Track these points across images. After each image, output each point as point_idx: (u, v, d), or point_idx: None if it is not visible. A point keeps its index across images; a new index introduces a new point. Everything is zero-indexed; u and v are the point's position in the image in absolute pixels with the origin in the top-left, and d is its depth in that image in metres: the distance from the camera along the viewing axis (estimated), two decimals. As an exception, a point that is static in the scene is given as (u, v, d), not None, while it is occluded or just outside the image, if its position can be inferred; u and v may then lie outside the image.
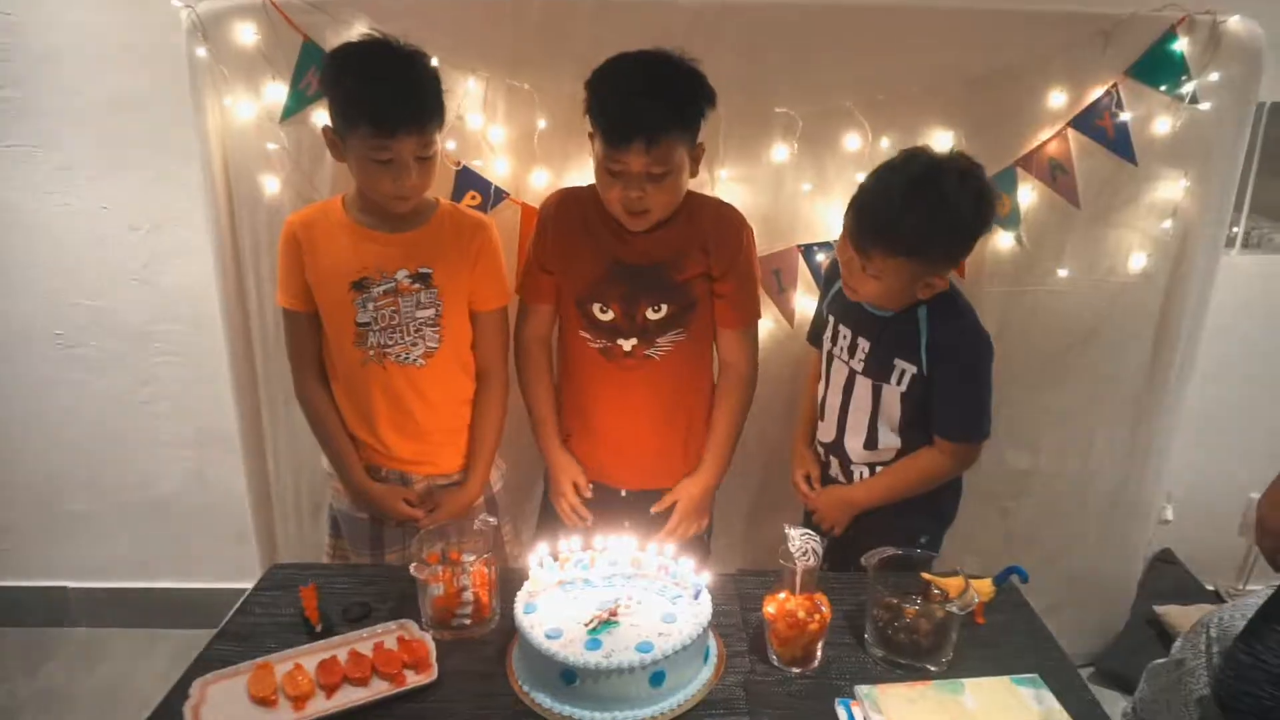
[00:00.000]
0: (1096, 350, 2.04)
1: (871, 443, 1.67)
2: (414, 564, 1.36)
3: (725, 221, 1.68)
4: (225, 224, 1.91)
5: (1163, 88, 1.86)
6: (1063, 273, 1.97)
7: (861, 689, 1.23)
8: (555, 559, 1.42)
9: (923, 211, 1.41)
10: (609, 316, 1.65)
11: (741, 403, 1.76)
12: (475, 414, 1.73)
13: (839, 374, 1.68)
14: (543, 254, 1.69)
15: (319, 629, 1.40)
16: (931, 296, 1.53)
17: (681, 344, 1.68)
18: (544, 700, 1.24)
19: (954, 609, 1.29)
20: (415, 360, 1.64)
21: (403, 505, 1.70)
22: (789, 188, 1.93)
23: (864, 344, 1.62)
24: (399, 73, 1.49)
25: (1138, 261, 1.98)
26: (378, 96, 1.45)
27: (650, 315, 1.65)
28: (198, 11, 1.75)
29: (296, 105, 1.82)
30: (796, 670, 1.33)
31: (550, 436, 1.78)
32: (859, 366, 1.63)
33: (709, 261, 1.65)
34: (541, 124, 1.85)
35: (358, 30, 1.77)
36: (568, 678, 1.21)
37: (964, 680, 1.25)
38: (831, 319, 1.70)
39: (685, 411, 1.76)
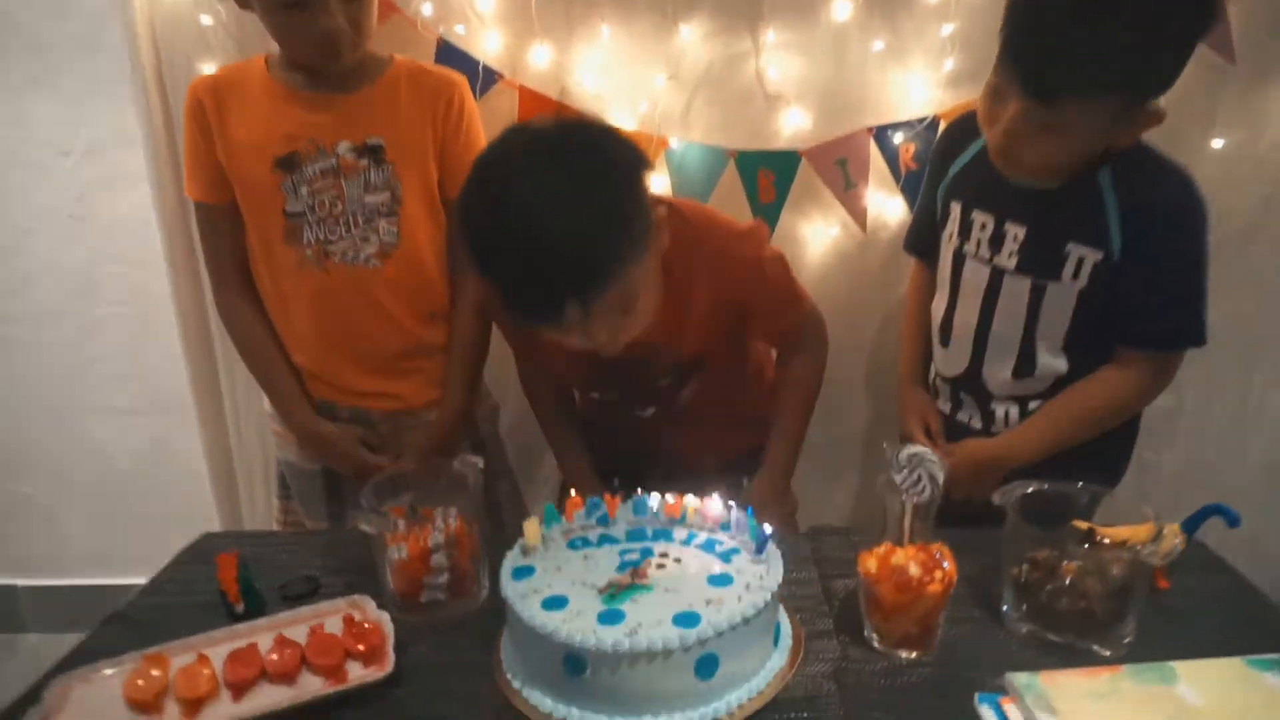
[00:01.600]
0: (1259, 249, 1.60)
1: (1025, 369, 1.24)
2: (363, 516, 0.98)
3: (727, 268, 1.16)
4: (159, 127, 1.56)
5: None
6: (1216, 144, 1.53)
7: (1018, 679, 0.82)
8: (560, 510, 1.03)
9: (1131, 12, 0.98)
10: (613, 398, 1.31)
11: (814, 386, 1.35)
12: (452, 329, 1.35)
13: (975, 278, 1.25)
14: (522, 341, 1.31)
15: (241, 610, 1.03)
16: (1124, 149, 1.12)
17: (710, 379, 1.29)
18: (541, 700, 0.85)
19: (1152, 557, 0.87)
20: (367, 260, 1.27)
21: (362, 451, 1.33)
22: (854, 53, 1.52)
23: (1015, 231, 1.19)
24: None
25: (1309, 132, 1.54)
26: None
27: (663, 383, 1.28)
28: None
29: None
30: (908, 654, 0.92)
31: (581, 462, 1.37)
32: (1009, 263, 1.20)
33: (723, 316, 1.21)
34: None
35: None
36: (574, 666, 0.82)
37: (1173, 664, 0.83)
38: (956, 207, 1.27)
39: (735, 418, 1.36)
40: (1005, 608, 0.97)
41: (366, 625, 0.96)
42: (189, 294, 1.67)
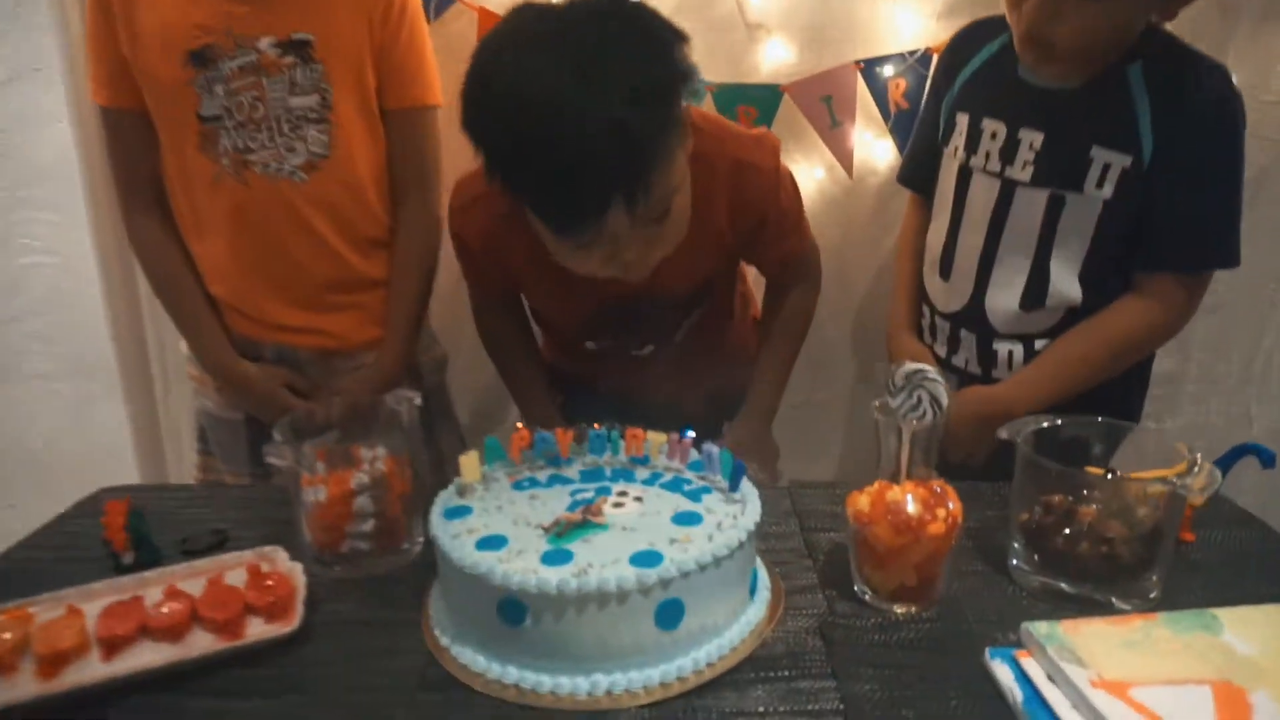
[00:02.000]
0: (1267, 202, 1.50)
1: (1035, 297, 1.11)
2: (274, 450, 0.84)
3: (748, 181, 1.06)
4: (80, 53, 1.41)
5: None
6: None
7: (1036, 629, 0.69)
8: (504, 447, 0.89)
9: None
10: (604, 344, 1.20)
11: (800, 334, 1.26)
12: (394, 260, 1.21)
13: (983, 194, 1.12)
14: (488, 274, 1.16)
15: (129, 561, 0.88)
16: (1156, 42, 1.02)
17: (705, 311, 1.20)
18: (473, 659, 0.72)
19: (1187, 491, 0.75)
20: (292, 173, 1.13)
21: (287, 395, 1.18)
22: (841, -21, 1.40)
23: (1031, 138, 1.07)
24: None
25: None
26: None
27: (665, 319, 1.19)
28: None
29: None
30: (905, 609, 0.79)
31: (540, 394, 1.26)
32: (1023, 174, 1.08)
33: (737, 235, 1.11)
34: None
35: None
36: (511, 614, 0.69)
37: (1213, 611, 0.71)
38: (963, 118, 1.15)
39: (727, 359, 1.28)
40: (1014, 560, 0.84)
41: (275, 577, 0.82)
42: (111, 236, 1.52)
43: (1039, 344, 1.12)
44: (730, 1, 1.40)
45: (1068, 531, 0.80)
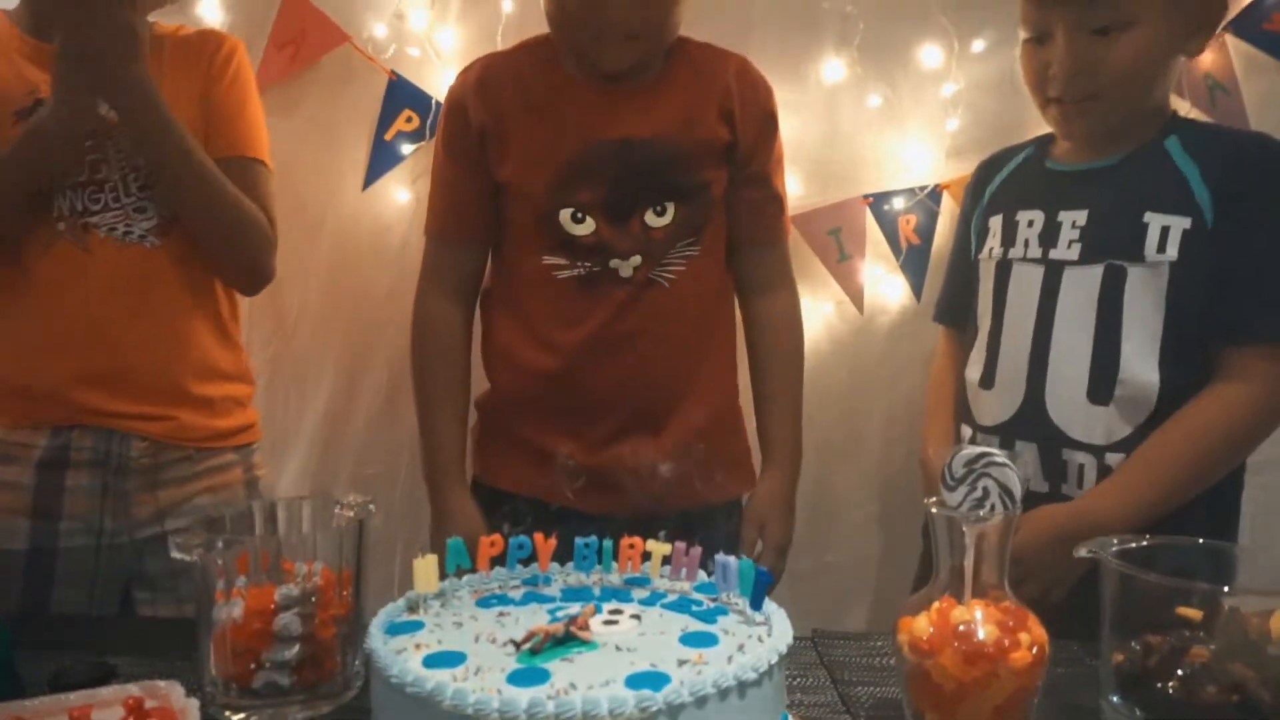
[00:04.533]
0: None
1: (1104, 386, 0.97)
2: (175, 539, 0.67)
3: (750, 72, 1.16)
4: None
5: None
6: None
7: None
8: (471, 556, 0.73)
9: None
10: (587, 229, 1.07)
11: (799, 362, 1.19)
12: None
13: (1025, 283, 1.03)
14: (467, 158, 1.12)
15: (-25, 696, 0.69)
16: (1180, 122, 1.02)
17: (696, 262, 1.10)
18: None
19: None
20: (143, 237, 1.04)
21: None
22: (848, 116, 1.39)
23: (1073, 217, 1.00)
24: None
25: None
26: None
27: (651, 221, 1.08)
28: None
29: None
30: (984, 770, 0.60)
31: (449, 468, 1.14)
32: (1070, 252, 1.00)
33: (733, 133, 1.11)
34: (507, 5, 1.34)
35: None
36: (462, 752, 0.50)
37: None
38: (996, 220, 1.09)
39: (707, 367, 1.14)
40: (1114, 699, 0.66)
41: (158, 717, 0.63)
42: None
43: (1111, 458, 0.97)
44: (735, 133, 1.39)
45: (1181, 673, 0.63)
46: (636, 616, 0.64)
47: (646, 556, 0.71)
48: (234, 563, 0.70)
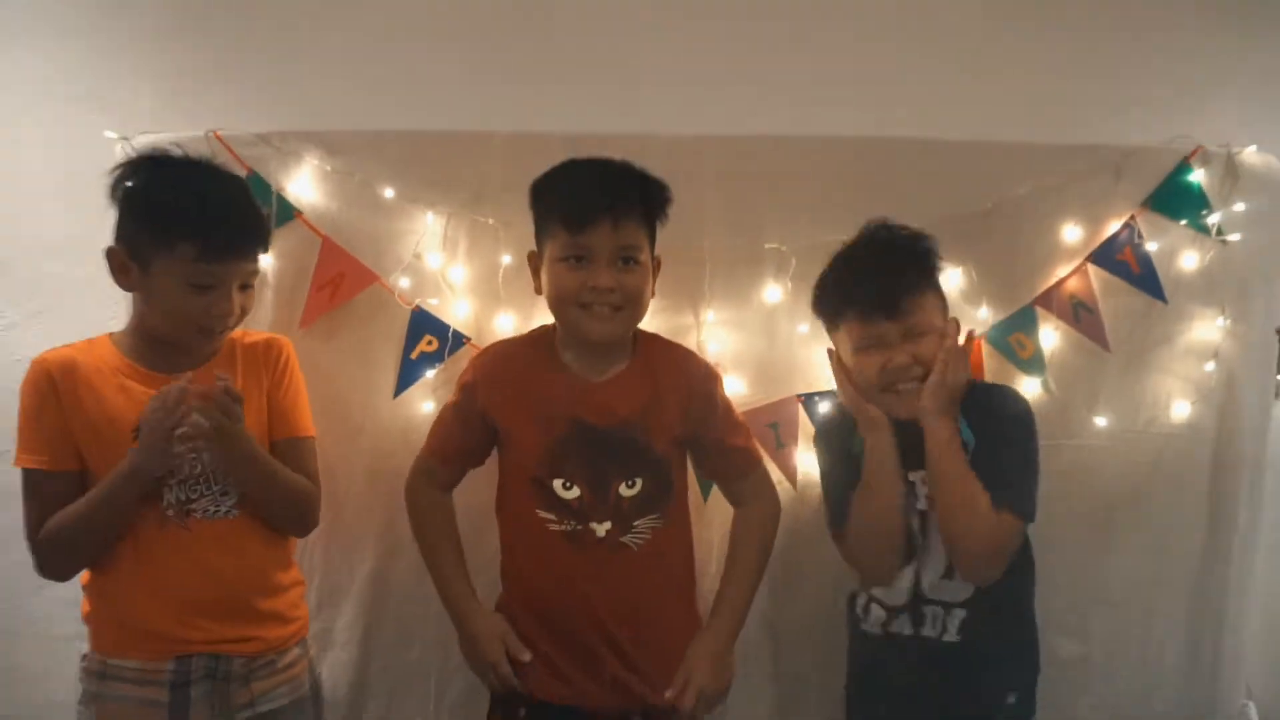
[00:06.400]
0: (1144, 516, 1.76)
1: None
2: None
3: (693, 365, 1.50)
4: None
5: (1184, 221, 1.71)
6: (1100, 423, 1.73)
7: None
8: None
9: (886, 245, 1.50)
10: (574, 494, 1.39)
11: (769, 537, 1.51)
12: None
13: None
14: (469, 425, 1.46)
15: None
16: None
17: (660, 531, 1.42)
18: None
19: None
20: (229, 512, 1.38)
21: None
22: (784, 330, 1.72)
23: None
24: (228, 187, 1.38)
25: (1181, 409, 1.74)
26: (208, 210, 1.30)
27: (624, 492, 1.39)
28: (134, 146, 1.61)
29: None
30: None
31: (462, 599, 1.46)
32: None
33: (685, 416, 1.44)
34: (506, 259, 1.67)
35: (308, 163, 1.64)
36: None
37: None
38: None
39: (664, 614, 1.45)
40: None
41: None
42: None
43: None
44: (694, 345, 1.69)
45: None
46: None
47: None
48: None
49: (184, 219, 1.29)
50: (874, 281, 1.45)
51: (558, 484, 1.38)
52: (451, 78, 1.90)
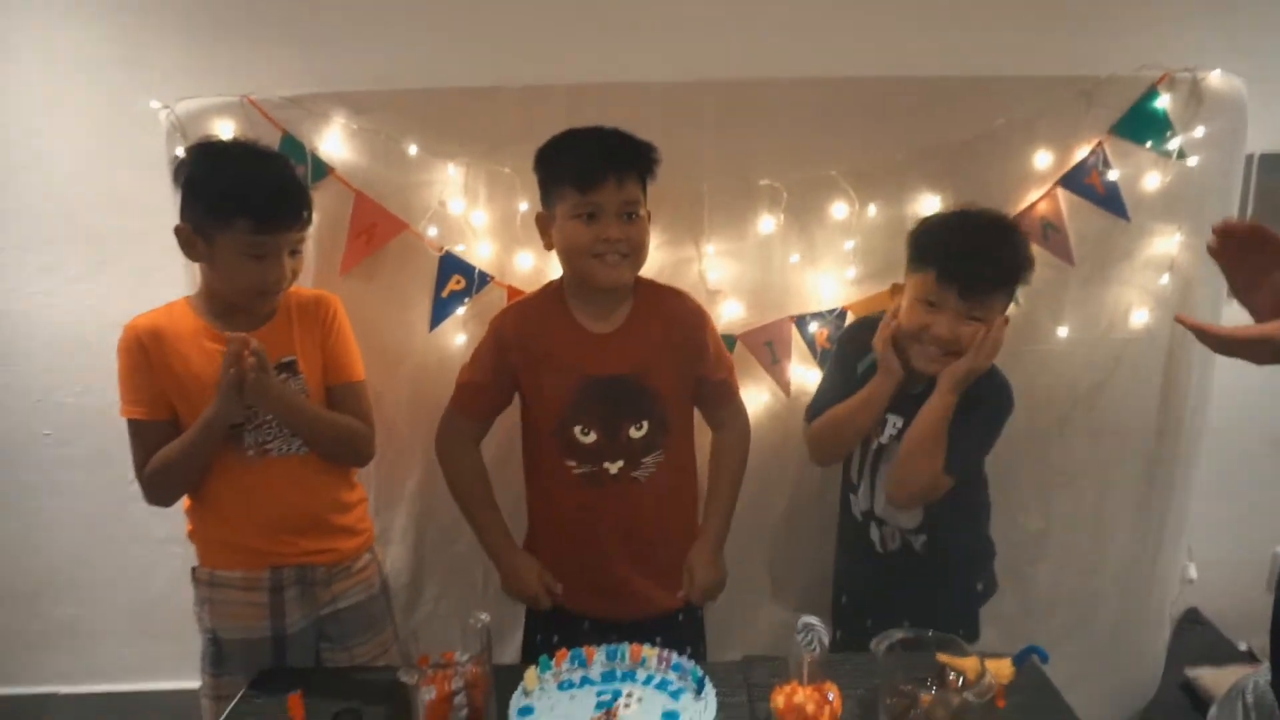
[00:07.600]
0: (1102, 409, 1.99)
1: None
2: (402, 668, 1.29)
3: (686, 311, 1.66)
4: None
5: (1149, 144, 1.85)
6: (1062, 332, 1.93)
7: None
8: (551, 658, 1.35)
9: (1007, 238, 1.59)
10: (591, 439, 1.60)
11: (743, 456, 1.75)
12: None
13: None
14: (498, 372, 1.64)
15: (305, 744, 1.33)
16: None
17: (664, 464, 1.64)
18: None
19: (970, 697, 1.22)
20: (299, 450, 1.61)
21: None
22: (778, 259, 1.90)
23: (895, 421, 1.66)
24: (274, 167, 1.54)
25: (1139, 317, 1.94)
26: (258, 189, 1.47)
27: (634, 434, 1.60)
28: (176, 112, 1.76)
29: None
30: (810, 769, 1.25)
31: (498, 540, 1.70)
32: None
33: (682, 358, 1.63)
34: (523, 206, 1.84)
35: (336, 123, 1.79)
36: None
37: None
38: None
39: (671, 534, 1.70)
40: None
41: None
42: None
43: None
44: (695, 274, 1.90)
45: (912, 713, 1.26)
46: (640, 699, 1.27)
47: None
48: (418, 661, 1.32)
49: (239, 199, 1.46)
50: (983, 270, 1.53)
51: (577, 430, 1.59)
52: (462, 35, 1.99)
